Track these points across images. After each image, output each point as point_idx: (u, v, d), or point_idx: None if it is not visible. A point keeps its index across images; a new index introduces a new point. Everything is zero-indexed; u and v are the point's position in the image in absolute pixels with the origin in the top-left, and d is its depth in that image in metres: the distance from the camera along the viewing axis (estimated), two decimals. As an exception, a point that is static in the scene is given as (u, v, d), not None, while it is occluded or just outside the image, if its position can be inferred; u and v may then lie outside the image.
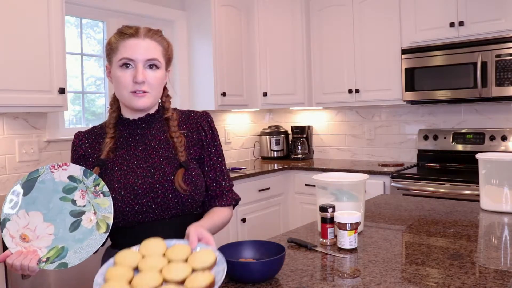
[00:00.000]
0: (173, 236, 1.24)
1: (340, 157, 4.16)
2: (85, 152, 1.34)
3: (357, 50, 3.64)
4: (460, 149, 3.38)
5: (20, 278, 1.97)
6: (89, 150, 1.34)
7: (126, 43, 1.26)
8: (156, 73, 1.29)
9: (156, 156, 1.32)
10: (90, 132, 1.38)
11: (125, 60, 1.25)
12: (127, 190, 1.25)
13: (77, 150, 1.35)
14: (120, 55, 1.26)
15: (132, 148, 1.33)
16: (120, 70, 1.26)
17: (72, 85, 3.03)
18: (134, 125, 1.35)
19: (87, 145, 1.35)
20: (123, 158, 1.31)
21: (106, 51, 1.32)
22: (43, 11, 2.37)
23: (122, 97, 1.29)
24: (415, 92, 3.27)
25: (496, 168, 1.81)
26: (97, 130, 1.38)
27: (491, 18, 2.97)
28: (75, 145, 1.36)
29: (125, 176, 1.28)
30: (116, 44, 1.27)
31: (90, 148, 1.35)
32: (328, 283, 1.12)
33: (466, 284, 1.08)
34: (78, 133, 1.38)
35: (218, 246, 1.24)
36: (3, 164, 2.56)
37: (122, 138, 1.34)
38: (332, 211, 1.43)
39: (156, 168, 1.30)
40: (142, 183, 1.27)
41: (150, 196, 1.26)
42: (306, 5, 3.89)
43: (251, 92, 3.82)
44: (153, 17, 3.46)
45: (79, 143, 1.35)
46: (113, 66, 1.28)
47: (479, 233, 1.54)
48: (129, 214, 1.26)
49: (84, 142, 1.35)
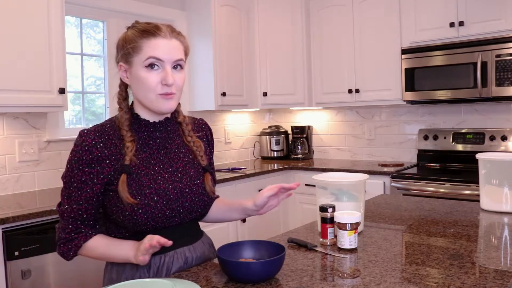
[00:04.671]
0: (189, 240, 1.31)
1: (340, 157, 4.16)
2: (100, 153, 1.20)
3: (357, 50, 3.64)
4: (460, 149, 3.38)
5: (20, 278, 1.97)
6: (105, 151, 1.21)
7: (152, 43, 1.19)
8: (182, 74, 1.25)
9: (179, 161, 1.31)
10: (101, 132, 1.23)
11: (153, 60, 1.19)
12: (159, 195, 1.22)
13: (91, 151, 1.19)
14: (146, 54, 1.18)
15: (154, 152, 1.28)
16: (145, 71, 1.19)
17: (72, 85, 3.03)
18: (153, 128, 1.29)
19: (102, 146, 1.21)
20: (147, 162, 1.25)
21: (124, 50, 1.22)
22: (43, 11, 2.37)
23: (147, 99, 1.22)
24: (415, 92, 3.27)
25: (496, 168, 1.81)
26: (108, 130, 1.24)
27: (491, 18, 2.97)
28: (87, 144, 1.19)
29: (155, 181, 1.23)
30: (139, 43, 1.19)
31: (105, 149, 1.21)
32: (328, 283, 1.12)
33: (466, 284, 1.08)
34: (87, 132, 1.22)
35: (218, 246, 1.25)
36: (3, 164, 2.56)
37: (141, 141, 1.27)
38: (332, 211, 1.43)
39: (182, 172, 1.30)
40: (173, 188, 1.26)
41: (180, 200, 1.27)
42: (306, 5, 3.89)
43: (251, 92, 3.82)
44: (153, 17, 3.45)
45: (92, 142, 1.20)
46: (135, 66, 1.20)
47: (479, 233, 1.54)
48: (159, 219, 1.23)
49: (98, 142, 1.20)
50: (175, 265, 1.28)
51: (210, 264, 1.31)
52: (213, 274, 1.22)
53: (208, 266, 1.29)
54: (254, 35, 3.83)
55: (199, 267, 1.29)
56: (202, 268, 1.27)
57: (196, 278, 1.20)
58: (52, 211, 2.08)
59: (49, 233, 2.08)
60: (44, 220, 2.07)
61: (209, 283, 1.16)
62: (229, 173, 3.29)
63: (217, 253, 1.18)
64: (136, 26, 1.23)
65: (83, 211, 1.21)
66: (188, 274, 1.23)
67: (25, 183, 2.65)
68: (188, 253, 1.31)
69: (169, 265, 1.27)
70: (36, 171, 2.70)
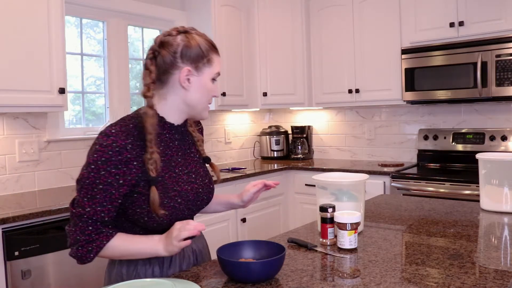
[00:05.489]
0: None
1: (340, 157, 4.16)
2: (130, 154, 1.18)
3: (357, 50, 3.64)
4: (460, 149, 3.38)
5: (20, 278, 1.97)
6: (134, 153, 1.19)
7: (218, 59, 1.32)
8: None
9: (192, 161, 1.37)
10: (127, 132, 1.20)
11: (217, 76, 1.33)
12: (182, 197, 1.27)
13: (121, 152, 1.16)
14: (215, 69, 1.30)
15: (174, 154, 1.31)
16: (211, 83, 1.31)
17: (72, 85, 3.03)
18: (175, 130, 1.32)
19: (130, 147, 1.18)
20: (169, 164, 1.28)
21: (196, 57, 1.26)
22: (43, 11, 2.37)
23: (199, 105, 1.30)
24: (415, 92, 3.27)
25: (496, 168, 1.81)
26: (132, 131, 1.21)
27: (491, 18, 2.97)
28: (118, 145, 1.16)
29: (177, 183, 1.28)
30: (211, 57, 1.29)
31: (133, 150, 1.19)
32: (328, 283, 1.12)
33: (466, 284, 1.08)
34: (116, 132, 1.18)
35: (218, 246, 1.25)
36: (3, 164, 2.56)
37: (163, 143, 1.29)
38: (332, 211, 1.43)
39: (195, 172, 1.36)
40: (191, 189, 1.31)
41: (196, 200, 1.33)
42: (306, 5, 3.89)
43: (251, 92, 3.82)
44: (153, 17, 3.46)
45: (123, 143, 1.17)
46: (205, 76, 1.29)
47: (479, 233, 1.54)
48: (179, 219, 1.26)
49: (127, 143, 1.18)
50: (186, 259, 1.35)
51: (210, 264, 1.32)
52: (213, 274, 1.22)
53: (208, 266, 1.29)
54: (254, 35, 3.83)
55: (199, 267, 1.29)
56: (202, 268, 1.28)
57: (196, 278, 1.20)
58: (52, 211, 2.08)
59: (49, 233, 2.08)
60: (44, 220, 2.07)
61: (209, 283, 1.16)
62: (229, 173, 3.29)
63: (217, 253, 1.18)
64: (202, 36, 1.30)
65: (105, 213, 1.18)
66: (188, 274, 1.23)
67: (25, 183, 2.65)
68: (194, 245, 1.39)
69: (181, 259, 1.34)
70: (36, 171, 2.70)
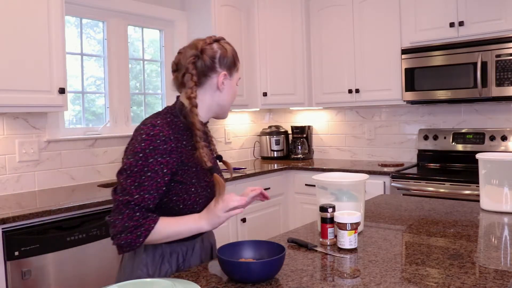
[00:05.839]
0: None
1: (340, 157, 4.16)
2: (174, 144, 1.29)
3: (357, 50, 3.64)
4: (460, 149, 3.38)
5: (20, 278, 1.97)
6: (178, 144, 1.30)
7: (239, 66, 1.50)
8: None
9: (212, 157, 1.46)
10: (169, 125, 1.32)
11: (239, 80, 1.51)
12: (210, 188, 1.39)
13: (166, 141, 1.26)
14: (239, 75, 1.49)
15: None
16: (236, 86, 1.48)
17: (72, 85, 3.03)
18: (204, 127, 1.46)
19: (173, 138, 1.29)
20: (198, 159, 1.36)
21: (230, 63, 1.43)
22: (43, 11, 2.37)
23: (227, 105, 1.46)
24: (415, 92, 3.27)
25: (496, 168, 1.81)
26: (170, 124, 1.33)
27: (491, 18, 2.97)
28: (165, 135, 1.27)
29: (206, 175, 1.38)
30: (237, 64, 1.47)
31: (176, 141, 1.30)
32: (328, 283, 1.12)
33: (466, 284, 1.08)
34: (161, 123, 1.29)
35: (218, 246, 1.25)
36: (3, 164, 2.56)
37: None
38: (332, 211, 1.43)
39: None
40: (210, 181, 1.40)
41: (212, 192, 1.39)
42: (306, 5, 3.89)
43: (251, 92, 3.82)
44: (153, 17, 3.46)
45: (168, 133, 1.28)
46: (233, 79, 1.46)
47: (479, 233, 1.54)
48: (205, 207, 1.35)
49: (171, 133, 1.29)
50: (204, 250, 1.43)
51: (210, 264, 1.32)
52: (213, 274, 1.22)
53: (208, 266, 1.29)
54: (254, 35, 3.83)
55: (199, 267, 1.29)
56: (202, 268, 1.28)
57: (196, 278, 1.20)
58: (52, 211, 2.08)
59: (49, 233, 2.08)
60: (44, 220, 2.07)
61: (209, 283, 1.16)
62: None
63: (217, 253, 1.18)
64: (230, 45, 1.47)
65: (151, 200, 1.24)
66: (188, 274, 1.23)
67: (25, 183, 2.65)
68: (211, 239, 1.50)
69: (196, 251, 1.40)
70: (36, 171, 2.70)
